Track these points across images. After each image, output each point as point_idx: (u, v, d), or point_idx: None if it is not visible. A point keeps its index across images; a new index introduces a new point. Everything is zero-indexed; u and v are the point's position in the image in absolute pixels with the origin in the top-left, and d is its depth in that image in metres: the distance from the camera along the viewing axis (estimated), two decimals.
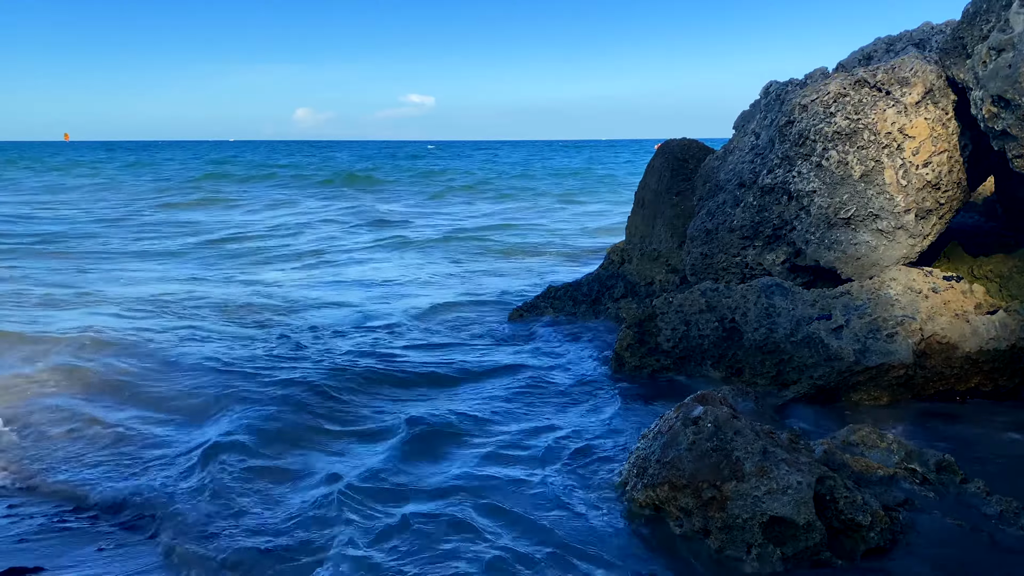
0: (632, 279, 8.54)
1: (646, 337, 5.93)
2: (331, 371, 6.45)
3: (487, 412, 5.55)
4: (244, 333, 8.05)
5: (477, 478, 4.47)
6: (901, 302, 5.76)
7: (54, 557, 3.79)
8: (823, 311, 5.86)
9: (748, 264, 6.95)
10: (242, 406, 5.66)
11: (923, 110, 6.03)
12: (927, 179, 6.03)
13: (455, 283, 11.30)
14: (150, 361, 6.93)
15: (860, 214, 6.17)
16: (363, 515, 4.03)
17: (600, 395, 5.89)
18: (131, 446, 5.11)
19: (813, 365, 5.62)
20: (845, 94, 6.25)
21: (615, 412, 5.48)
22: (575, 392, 5.99)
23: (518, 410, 5.63)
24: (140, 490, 4.41)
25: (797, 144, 6.49)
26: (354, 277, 11.97)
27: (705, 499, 3.59)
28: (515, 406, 5.71)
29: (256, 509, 4.17)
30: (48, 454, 4.98)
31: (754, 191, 6.92)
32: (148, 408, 5.85)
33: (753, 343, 5.72)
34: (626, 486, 4.06)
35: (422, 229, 18.35)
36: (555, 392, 6.02)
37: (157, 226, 19.44)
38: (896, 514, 3.82)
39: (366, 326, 8.41)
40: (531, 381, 6.26)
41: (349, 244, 16.08)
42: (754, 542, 3.47)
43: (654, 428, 4.07)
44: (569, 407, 5.69)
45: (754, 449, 3.68)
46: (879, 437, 4.46)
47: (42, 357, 6.89)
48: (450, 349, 7.43)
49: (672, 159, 8.66)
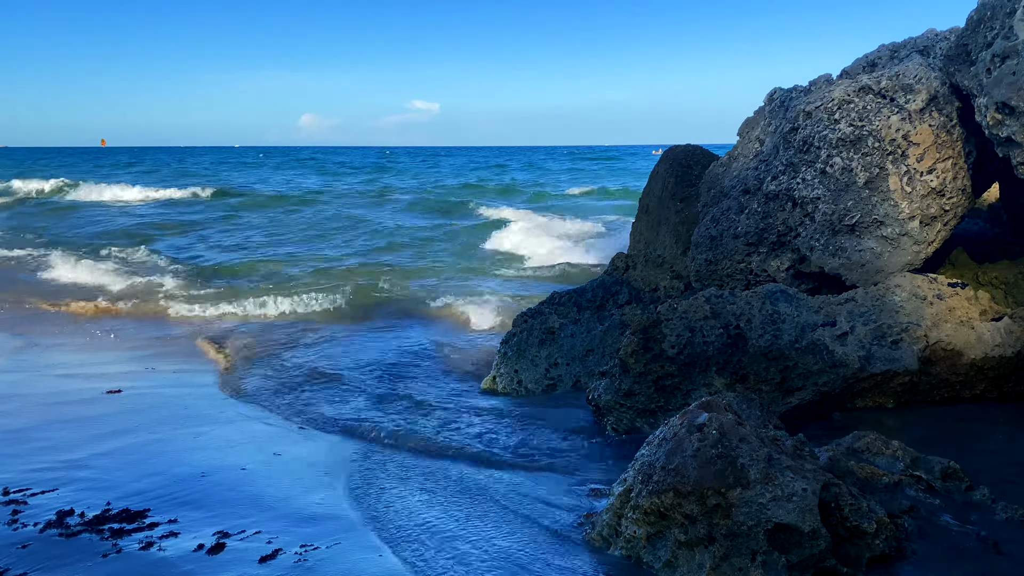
0: (637, 285, 8.54)
1: (651, 343, 5.93)
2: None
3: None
4: None
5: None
6: (906, 309, 5.76)
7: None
8: (828, 318, 5.86)
9: (753, 270, 6.95)
10: None
11: (927, 117, 6.03)
12: (931, 186, 6.03)
13: None
14: None
15: (865, 221, 6.17)
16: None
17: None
18: None
19: (818, 372, 5.62)
20: (849, 101, 6.26)
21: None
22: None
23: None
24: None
25: (802, 151, 6.50)
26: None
27: (710, 506, 3.59)
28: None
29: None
30: None
31: (759, 197, 6.92)
32: None
33: (758, 349, 5.71)
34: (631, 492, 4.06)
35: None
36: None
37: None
38: (901, 521, 3.82)
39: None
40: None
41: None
42: (759, 549, 3.47)
43: (659, 435, 4.07)
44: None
45: (759, 456, 3.68)
46: (884, 444, 4.46)
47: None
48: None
49: (677, 165, 8.67)
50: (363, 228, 21.33)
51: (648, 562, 3.77)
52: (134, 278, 13.94)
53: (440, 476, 5.17)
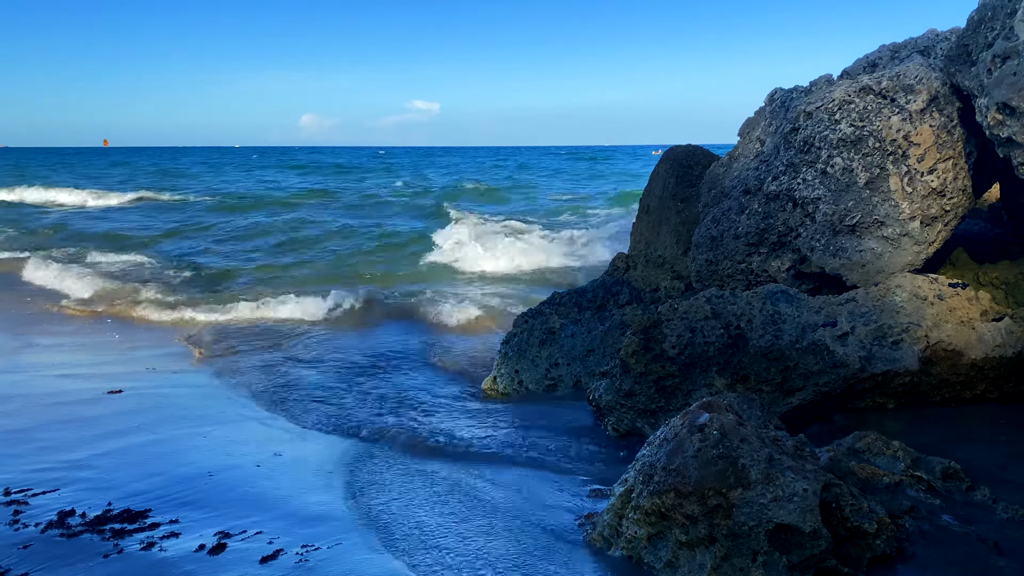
0: (637, 286, 8.54)
1: (651, 344, 5.93)
2: None
3: None
4: None
5: None
6: (907, 309, 5.76)
7: None
8: (828, 318, 5.86)
9: (753, 271, 6.95)
10: None
11: (928, 117, 6.03)
12: (932, 186, 6.03)
13: None
14: None
15: (865, 221, 6.17)
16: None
17: None
18: None
19: (819, 372, 5.62)
20: (850, 101, 6.26)
21: None
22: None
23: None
24: None
25: (802, 151, 6.50)
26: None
27: (711, 506, 3.59)
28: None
29: None
30: None
31: (759, 198, 6.92)
32: None
33: (759, 350, 5.71)
34: (632, 492, 4.06)
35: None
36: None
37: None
38: (902, 522, 3.83)
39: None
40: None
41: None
42: (760, 550, 3.47)
43: (660, 435, 4.06)
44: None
45: (760, 456, 3.68)
46: (885, 444, 4.46)
47: None
48: None
49: (677, 166, 8.67)
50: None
51: (649, 562, 3.77)
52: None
53: (440, 476, 5.17)
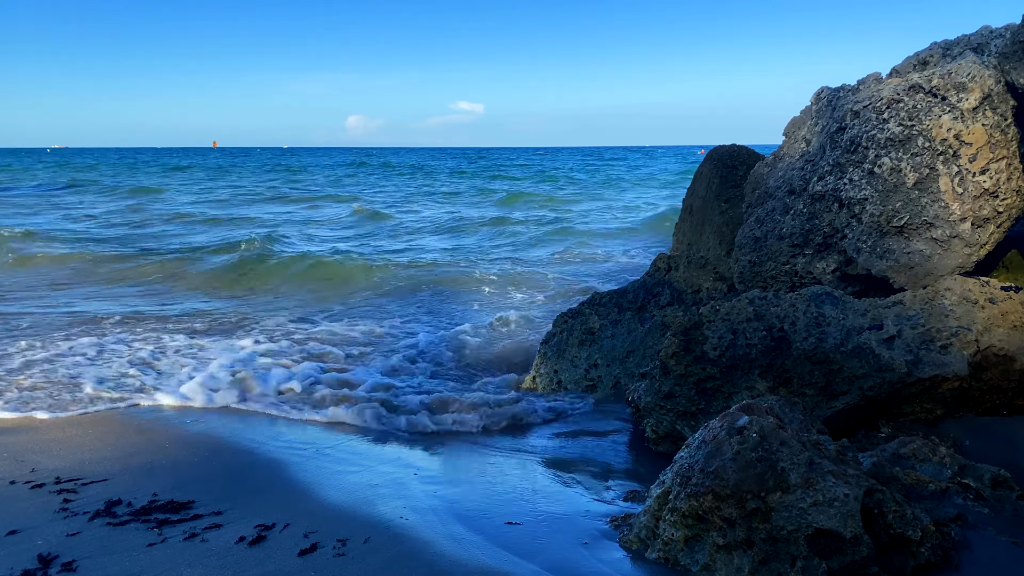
0: (679, 287, 8.46)
1: (692, 345, 5.87)
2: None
3: None
4: None
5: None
6: (956, 313, 5.61)
7: None
8: (874, 321, 5.74)
9: (798, 272, 6.84)
10: None
11: (980, 116, 5.87)
12: (984, 187, 5.86)
13: None
14: None
15: (914, 222, 6.03)
16: None
17: None
18: None
19: (863, 376, 5.50)
20: (899, 100, 6.12)
21: None
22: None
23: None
24: None
25: (849, 151, 6.37)
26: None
27: (749, 510, 3.54)
28: None
29: None
30: None
31: (804, 198, 6.81)
32: None
33: (802, 353, 5.62)
34: (669, 494, 4.03)
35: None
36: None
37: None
38: (948, 530, 3.73)
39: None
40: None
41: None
42: (799, 555, 3.41)
43: (698, 437, 4.02)
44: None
45: (800, 460, 3.62)
46: (931, 450, 4.36)
47: None
48: None
49: (721, 165, 8.57)
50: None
51: (685, 565, 3.74)
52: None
53: (475, 473, 5.19)
